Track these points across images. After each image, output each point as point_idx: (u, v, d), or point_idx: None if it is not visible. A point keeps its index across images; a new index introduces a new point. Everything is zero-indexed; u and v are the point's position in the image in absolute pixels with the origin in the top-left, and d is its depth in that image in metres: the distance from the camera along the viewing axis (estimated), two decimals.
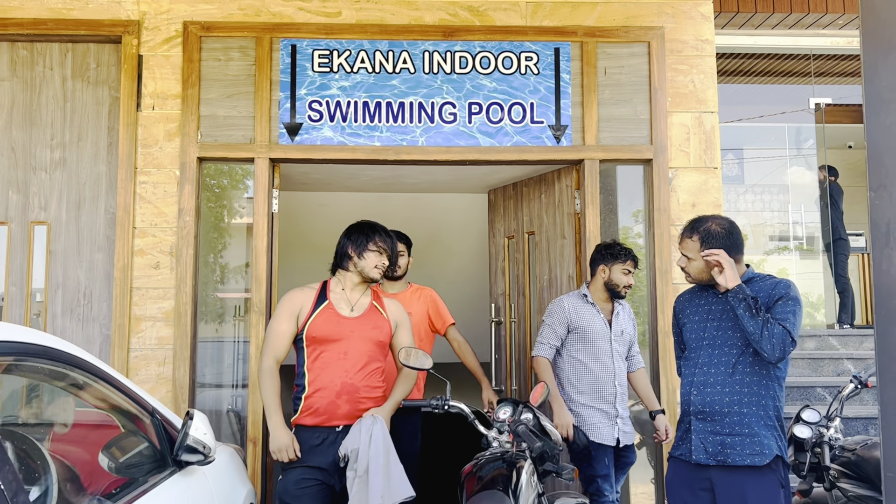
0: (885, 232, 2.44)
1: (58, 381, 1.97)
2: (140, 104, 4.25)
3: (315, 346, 3.10)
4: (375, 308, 3.22)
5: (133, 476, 2.14)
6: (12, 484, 1.44)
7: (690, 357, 3.02)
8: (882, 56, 2.46)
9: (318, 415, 3.06)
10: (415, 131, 4.34)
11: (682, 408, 3.03)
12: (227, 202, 4.55)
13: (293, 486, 3.02)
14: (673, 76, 4.43)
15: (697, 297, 3.08)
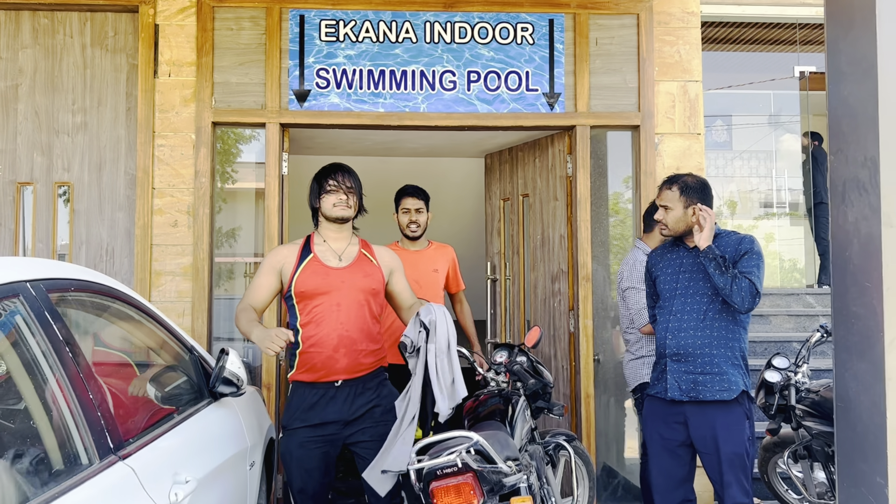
0: (842, 190, 2.75)
1: (116, 318, 2.26)
2: (157, 71, 4.49)
3: (305, 301, 2.99)
4: (365, 256, 3.13)
5: (177, 404, 2.44)
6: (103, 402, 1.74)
7: (664, 306, 3.31)
8: (843, 34, 2.75)
9: (316, 371, 2.96)
10: (416, 98, 4.60)
11: (659, 351, 3.34)
12: (235, 168, 4.82)
13: (297, 448, 2.96)
14: (660, 47, 4.69)
15: (669, 252, 3.39)
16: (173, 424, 2.24)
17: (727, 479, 3.13)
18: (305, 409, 2.96)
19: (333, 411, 2.96)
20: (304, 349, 2.96)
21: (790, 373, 3.91)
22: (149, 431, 2.04)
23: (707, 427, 3.16)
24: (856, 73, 2.67)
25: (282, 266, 3.05)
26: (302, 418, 2.96)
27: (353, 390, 2.99)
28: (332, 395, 2.97)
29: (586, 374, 4.55)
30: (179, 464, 2.08)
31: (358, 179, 3.23)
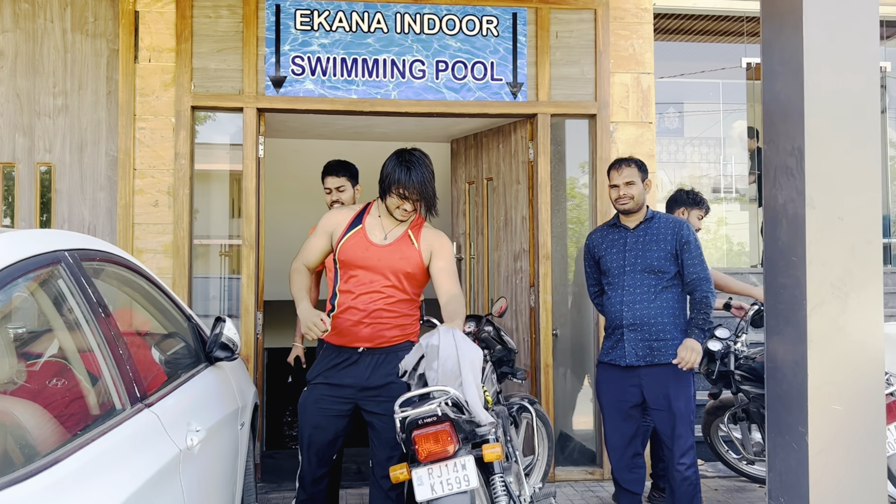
0: (773, 176, 3.11)
1: (130, 286, 2.50)
2: (137, 56, 4.66)
3: (345, 269, 3.13)
4: (408, 237, 3.16)
5: (181, 365, 2.69)
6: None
7: (615, 282, 3.67)
8: (775, 36, 3.10)
9: (342, 335, 3.10)
10: (388, 86, 4.86)
11: (614, 322, 3.68)
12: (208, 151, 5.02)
13: (312, 404, 3.12)
14: (615, 40, 5.02)
15: (610, 232, 3.76)
16: (180, 382, 2.49)
17: (679, 431, 3.53)
18: (328, 367, 3.13)
19: (352, 375, 3.09)
20: (337, 313, 3.11)
21: (730, 342, 4.29)
22: (163, 387, 2.30)
23: (661, 387, 3.55)
24: (786, 71, 3.02)
25: (333, 230, 3.17)
26: (324, 375, 3.13)
27: (375, 359, 3.10)
28: (355, 361, 3.10)
29: (545, 346, 4.89)
30: (191, 415, 2.34)
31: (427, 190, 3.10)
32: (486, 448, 2.65)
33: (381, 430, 3.10)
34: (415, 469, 2.56)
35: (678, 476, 3.54)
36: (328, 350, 3.17)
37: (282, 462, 5.41)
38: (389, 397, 2.96)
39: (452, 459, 2.53)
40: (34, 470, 1.42)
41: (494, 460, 2.67)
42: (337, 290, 3.16)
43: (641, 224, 3.70)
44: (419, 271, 3.14)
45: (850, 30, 2.92)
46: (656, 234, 3.68)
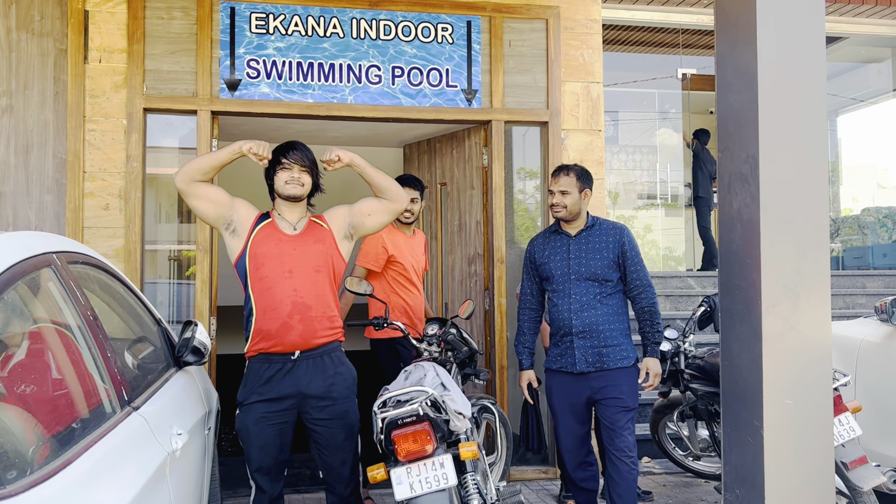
0: (728, 182, 3.26)
1: (108, 290, 2.46)
2: (87, 57, 4.56)
3: (257, 264, 2.98)
4: (314, 223, 3.16)
5: (156, 370, 2.66)
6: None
7: (560, 289, 3.65)
8: (729, 50, 3.26)
9: (270, 338, 2.92)
10: (344, 90, 4.87)
11: (562, 329, 3.64)
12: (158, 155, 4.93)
13: (252, 425, 2.94)
14: (566, 50, 5.16)
15: (552, 239, 3.76)
16: (157, 387, 2.47)
17: (623, 424, 3.59)
18: (262, 383, 2.94)
19: (290, 384, 2.94)
20: (258, 315, 2.94)
21: (679, 342, 4.46)
22: (144, 391, 2.27)
23: (612, 388, 3.60)
24: (740, 83, 3.18)
25: (236, 215, 3.09)
26: (258, 392, 2.94)
27: (311, 364, 2.97)
28: (290, 369, 2.95)
29: (500, 348, 4.98)
30: (172, 418, 2.33)
31: (312, 157, 3.19)
32: (462, 447, 2.71)
33: (329, 436, 3.02)
34: (393, 469, 2.59)
35: (624, 467, 3.58)
36: (257, 364, 2.98)
37: (234, 468, 5.33)
38: (333, 401, 3.00)
39: (431, 458, 2.58)
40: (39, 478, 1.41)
41: (470, 458, 2.72)
42: (251, 292, 3.00)
43: (583, 231, 3.72)
44: (336, 251, 3.12)
45: (801, 44, 3.10)
46: (598, 241, 3.70)
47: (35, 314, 1.74)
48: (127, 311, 2.65)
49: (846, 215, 10.57)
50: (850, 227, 10.22)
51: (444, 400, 2.67)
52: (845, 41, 9.75)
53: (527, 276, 3.83)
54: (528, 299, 3.82)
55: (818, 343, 3.06)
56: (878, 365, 4.07)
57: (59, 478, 1.45)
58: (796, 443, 3.02)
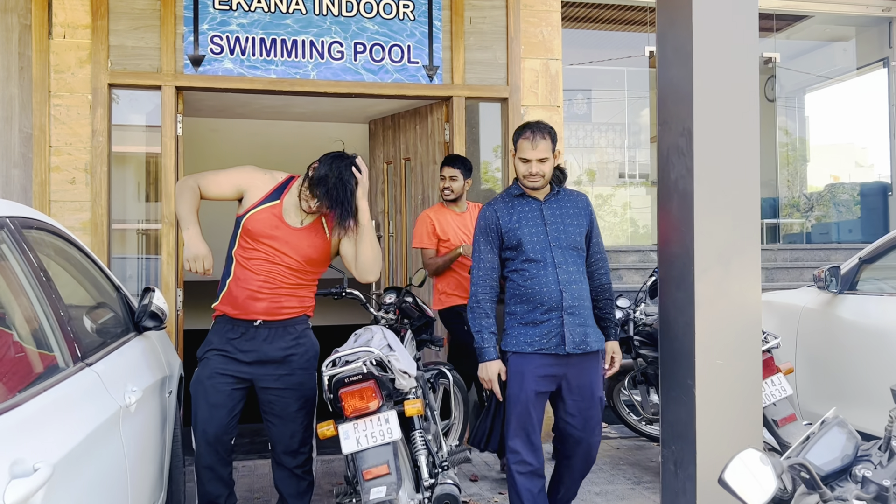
0: (666, 155, 3.42)
1: (64, 255, 2.57)
2: (52, 33, 4.62)
3: (247, 238, 3.00)
4: (320, 224, 3.09)
5: (113, 333, 2.78)
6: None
7: (539, 259, 3.16)
8: (669, 27, 3.40)
9: (236, 307, 2.99)
10: (307, 66, 4.97)
11: (546, 305, 3.15)
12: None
13: (207, 379, 2.98)
14: (526, 27, 5.27)
15: (517, 204, 3.26)
16: (114, 348, 2.59)
17: (595, 416, 3.25)
18: (223, 341, 3.01)
19: (250, 348, 2.99)
20: (233, 281, 2.99)
21: (630, 311, 4.64)
22: (99, 349, 2.40)
23: (587, 376, 3.22)
24: (678, 59, 3.33)
25: (248, 189, 3.03)
26: (218, 348, 3.00)
27: (273, 332, 3.01)
28: (252, 335, 2.99)
29: None
30: (127, 377, 2.45)
31: (346, 197, 2.95)
32: (407, 404, 2.86)
33: (282, 406, 3.02)
34: (341, 424, 2.74)
35: (591, 450, 3.30)
36: (221, 323, 3.05)
37: None
38: (289, 370, 3.02)
39: (376, 414, 2.73)
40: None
41: (415, 414, 2.88)
42: (234, 254, 3.03)
43: (550, 196, 3.31)
44: (325, 257, 3.10)
45: (734, 22, 3.25)
46: (569, 208, 3.32)
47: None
48: (85, 278, 2.77)
49: (818, 192, 10.78)
50: (825, 204, 10.45)
51: (389, 359, 2.82)
52: (811, 20, 9.93)
53: (486, 246, 3.25)
54: (489, 273, 3.24)
55: (748, 307, 3.24)
56: (815, 331, 4.27)
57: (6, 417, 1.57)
58: (727, 400, 3.20)
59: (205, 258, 2.93)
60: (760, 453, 1.42)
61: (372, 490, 2.61)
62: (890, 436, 1.61)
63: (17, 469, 1.43)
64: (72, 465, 1.71)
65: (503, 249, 3.26)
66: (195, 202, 3.00)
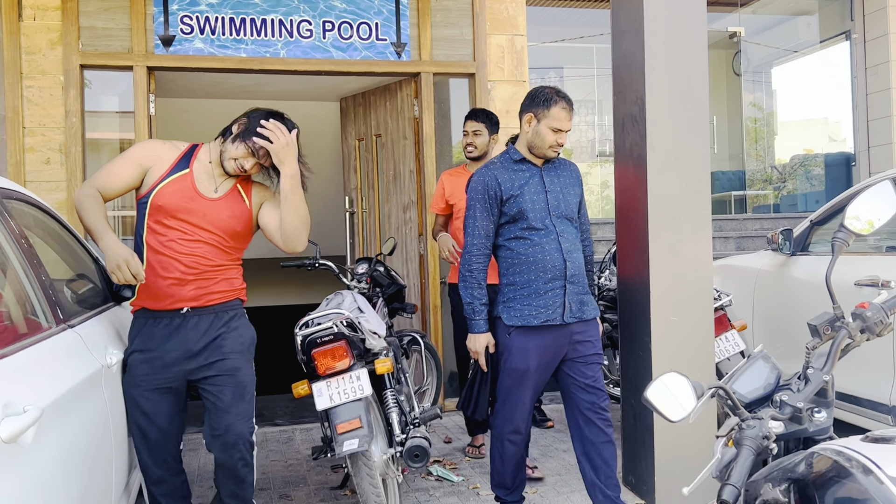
0: (621, 123, 3.58)
1: (44, 227, 2.68)
2: (21, 15, 4.67)
3: (159, 217, 2.61)
4: (237, 192, 2.72)
5: (92, 301, 2.90)
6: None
7: (543, 227, 3.04)
8: (622, 1, 3.53)
9: (159, 298, 2.62)
10: (276, 45, 5.06)
11: (549, 273, 3.03)
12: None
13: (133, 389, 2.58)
14: (491, 4, 5.40)
15: (517, 169, 3.10)
16: (94, 314, 2.71)
17: (598, 378, 3.15)
18: (145, 340, 2.61)
19: (177, 343, 2.60)
20: (148, 271, 2.60)
21: (594, 277, 4.81)
22: (80, 315, 2.52)
23: (593, 342, 3.15)
24: (630, 31, 3.48)
25: (151, 166, 2.65)
26: (141, 351, 2.60)
27: (202, 320, 2.63)
28: (178, 325, 2.61)
29: (434, 290, 5.29)
30: (107, 340, 2.58)
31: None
32: (378, 362, 3.02)
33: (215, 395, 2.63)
34: (315, 383, 2.89)
35: (609, 430, 3.16)
36: (141, 320, 2.65)
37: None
38: (222, 354, 2.64)
39: (348, 372, 2.88)
40: None
41: (385, 372, 3.03)
42: (144, 240, 2.63)
43: (547, 162, 3.16)
44: (248, 229, 2.75)
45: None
46: (565, 175, 3.19)
47: None
48: (64, 249, 2.88)
49: (789, 164, 11.01)
50: (798, 177, 10.68)
51: (359, 321, 2.97)
52: None
53: (483, 213, 3.07)
54: (483, 241, 3.08)
55: (699, 266, 3.42)
56: (770, 291, 4.47)
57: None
58: (681, 355, 3.39)
59: (128, 261, 2.48)
60: (682, 377, 1.58)
61: (345, 442, 2.77)
62: (806, 366, 1.78)
63: (9, 409, 1.56)
64: (58, 413, 1.84)
65: (501, 216, 3.08)
66: (101, 209, 2.60)
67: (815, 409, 1.72)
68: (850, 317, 1.80)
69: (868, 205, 1.85)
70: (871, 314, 1.78)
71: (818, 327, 1.82)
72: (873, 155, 9.52)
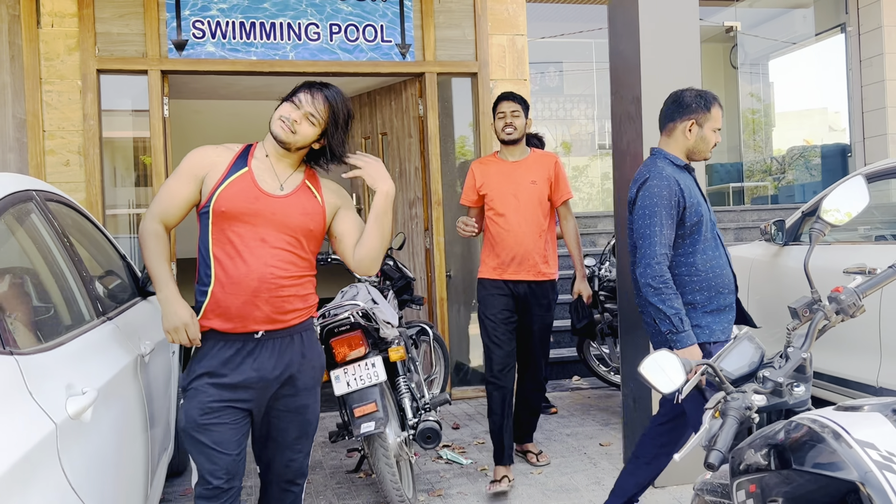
0: (619, 121, 3.75)
1: (78, 225, 2.86)
2: (40, 22, 4.85)
3: (224, 224, 2.32)
4: (308, 188, 2.43)
5: (122, 296, 3.09)
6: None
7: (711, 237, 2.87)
8: (620, 3, 3.70)
9: (230, 318, 2.29)
10: (285, 47, 5.24)
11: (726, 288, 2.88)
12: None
13: (199, 414, 2.27)
14: (492, 5, 5.56)
15: (683, 174, 2.91)
16: (125, 308, 2.90)
17: None
18: (216, 364, 2.31)
19: (252, 369, 2.32)
20: (217, 287, 2.30)
21: (595, 269, 5.00)
22: (115, 308, 2.71)
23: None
24: (626, 33, 3.65)
25: (206, 173, 2.37)
26: (210, 375, 2.30)
27: (278, 345, 2.35)
28: (251, 351, 2.32)
29: (440, 282, 5.47)
30: (140, 332, 2.77)
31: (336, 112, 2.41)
32: (391, 350, 3.20)
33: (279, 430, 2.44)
34: (332, 370, 3.08)
35: None
36: (210, 341, 2.34)
37: None
38: (296, 390, 2.41)
39: (364, 360, 3.06)
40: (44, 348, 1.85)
41: (399, 360, 3.22)
42: (210, 254, 2.33)
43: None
44: (322, 227, 2.44)
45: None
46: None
47: (21, 238, 2.15)
48: (95, 247, 3.06)
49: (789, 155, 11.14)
50: (798, 168, 10.82)
51: (373, 311, 3.15)
52: None
53: (668, 221, 2.77)
54: (668, 252, 2.78)
55: None
56: (764, 280, 4.64)
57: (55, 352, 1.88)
58: None
59: (188, 326, 2.30)
60: (672, 354, 1.76)
61: (362, 425, 2.95)
62: (787, 345, 1.96)
63: (71, 390, 1.75)
64: (108, 395, 2.03)
65: (679, 227, 2.80)
66: (163, 250, 2.38)
67: (794, 383, 1.89)
68: (826, 300, 1.98)
69: (842, 198, 2.03)
70: (845, 297, 1.96)
71: (797, 310, 2.00)
72: (868, 146, 9.69)
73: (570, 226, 3.97)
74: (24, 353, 1.65)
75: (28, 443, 1.45)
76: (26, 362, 1.63)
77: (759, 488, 1.70)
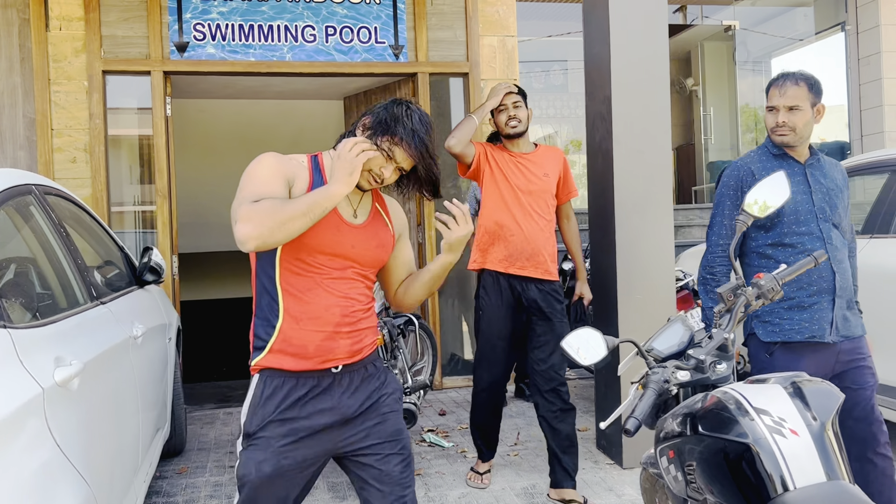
0: (592, 120, 3.93)
1: (76, 218, 3.08)
2: (48, 25, 5.09)
3: (301, 255, 1.99)
4: (379, 214, 2.14)
5: (118, 284, 3.31)
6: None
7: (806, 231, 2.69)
8: (592, 8, 3.90)
9: (308, 356, 2.00)
10: (282, 49, 5.45)
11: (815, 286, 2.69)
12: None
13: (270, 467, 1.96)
14: (483, 7, 5.75)
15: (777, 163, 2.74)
16: (120, 294, 3.12)
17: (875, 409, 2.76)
18: (286, 406, 1.99)
19: (328, 407, 2.02)
20: (288, 322, 1.98)
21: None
22: (109, 294, 2.92)
23: (860, 357, 2.74)
24: (599, 38, 3.83)
25: (293, 182, 2.00)
26: (281, 421, 1.98)
27: (355, 377, 2.07)
28: (327, 387, 2.03)
29: None
30: (133, 316, 2.99)
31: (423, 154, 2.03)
32: None
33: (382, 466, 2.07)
34: None
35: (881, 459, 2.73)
36: (273, 382, 2.01)
37: (201, 390, 6.05)
38: (381, 417, 2.10)
39: None
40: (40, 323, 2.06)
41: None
42: (278, 286, 2.01)
43: (810, 159, 2.78)
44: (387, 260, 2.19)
45: (646, 4, 3.74)
46: (833, 176, 2.79)
47: (20, 227, 2.37)
48: (94, 238, 3.29)
49: None
50: None
51: None
52: None
53: (731, 212, 2.75)
54: (728, 242, 2.74)
55: (662, 250, 3.78)
56: None
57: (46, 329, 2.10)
58: (645, 328, 3.72)
59: (354, 146, 1.94)
60: (596, 332, 1.95)
61: None
62: (713, 326, 2.15)
63: (60, 362, 1.96)
64: (95, 370, 2.25)
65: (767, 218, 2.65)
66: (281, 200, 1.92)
67: (717, 361, 2.07)
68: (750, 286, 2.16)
69: (764, 192, 2.21)
70: (765, 283, 2.14)
71: (722, 294, 2.18)
72: (866, 143, 9.80)
73: (571, 225, 3.74)
74: (16, 328, 1.86)
75: (16, 402, 1.67)
76: (19, 335, 1.84)
77: (677, 453, 1.90)
